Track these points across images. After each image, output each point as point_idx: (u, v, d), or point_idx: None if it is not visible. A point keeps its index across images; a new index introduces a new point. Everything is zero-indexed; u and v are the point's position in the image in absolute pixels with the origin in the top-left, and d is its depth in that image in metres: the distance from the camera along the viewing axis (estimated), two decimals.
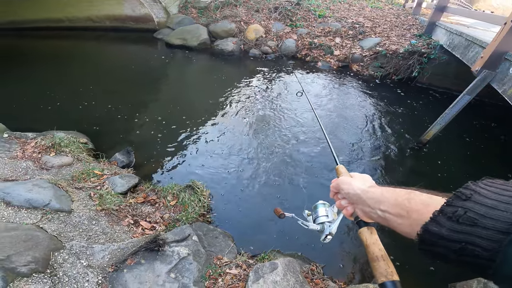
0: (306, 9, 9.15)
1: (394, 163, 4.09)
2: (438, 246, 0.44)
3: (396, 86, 6.60)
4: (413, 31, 7.61)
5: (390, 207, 0.56)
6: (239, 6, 9.16)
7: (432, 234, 0.44)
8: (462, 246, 0.41)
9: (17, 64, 6.72)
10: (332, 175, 3.73)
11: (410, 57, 6.53)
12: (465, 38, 4.66)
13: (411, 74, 6.54)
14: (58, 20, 9.38)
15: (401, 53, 6.66)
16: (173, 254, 2.16)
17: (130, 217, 2.59)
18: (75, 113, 4.59)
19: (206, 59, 7.80)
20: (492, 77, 3.63)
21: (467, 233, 0.40)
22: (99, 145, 3.77)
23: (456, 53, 5.01)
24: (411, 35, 7.36)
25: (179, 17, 8.83)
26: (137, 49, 8.38)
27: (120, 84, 5.91)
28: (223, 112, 4.97)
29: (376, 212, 0.60)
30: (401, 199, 0.54)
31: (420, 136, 4.45)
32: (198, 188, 2.97)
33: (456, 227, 0.42)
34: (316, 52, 7.77)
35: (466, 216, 0.41)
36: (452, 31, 5.35)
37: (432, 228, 0.44)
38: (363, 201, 0.65)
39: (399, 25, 8.26)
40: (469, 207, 0.42)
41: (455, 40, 5.15)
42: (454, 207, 0.43)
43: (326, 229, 0.82)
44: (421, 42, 6.71)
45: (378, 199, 0.60)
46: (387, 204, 0.57)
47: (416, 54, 6.44)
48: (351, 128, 4.80)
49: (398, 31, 7.80)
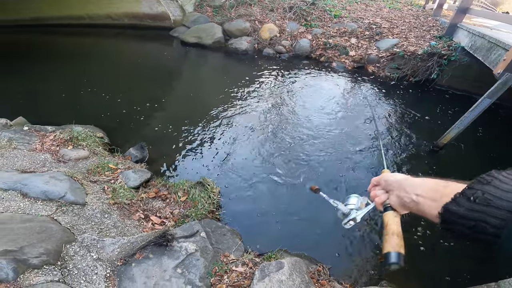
0: (322, 9, 9.05)
1: (409, 166, 3.99)
2: (456, 224, 0.50)
3: (413, 88, 6.43)
4: (433, 32, 7.40)
5: (426, 191, 0.60)
6: (253, 5, 9.16)
7: (451, 213, 0.50)
8: (476, 223, 0.46)
9: (39, 60, 6.99)
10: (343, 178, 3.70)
11: (429, 59, 6.34)
12: (488, 40, 4.49)
13: (429, 76, 6.35)
14: (79, 17, 9.67)
15: (420, 54, 6.47)
16: (181, 249, 2.19)
17: (141, 211, 2.65)
18: (93, 108, 4.73)
19: (220, 57, 7.85)
20: None
21: (481, 212, 0.46)
22: (114, 139, 3.87)
23: (478, 55, 4.84)
24: (430, 37, 7.15)
25: (194, 16, 8.92)
26: (153, 47, 8.54)
27: (137, 81, 6.04)
28: (236, 110, 5.00)
29: (411, 196, 0.64)
30: (439, 186, 0.59)
31: (436, 139, 4.32)
32: (209, 185, 3.00)
33: (473, 207, 0.47)
34: (331, 53, 7.67)
35: (483, 197, 0.46)
36: (475, 33, 5.17)
37: (452, 208, 0.50)
38: (401, 187, 0.69)
39: (418, 26, 8.04)
40: (487, 190, 0.47)
41: (477, 42, 4.97)
42: (474, 190, 0.48)
43: (352, 214, 0.88)
44: (442, 44, 6.51)
45: (417, 184, 0.64)
46: (424, 188, 0.61)
47: (436, 55, 6.25)
48: (366, 130, 4.72)
49: (417, 32, 7.60)
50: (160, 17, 9.33)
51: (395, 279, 2.46)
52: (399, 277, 2.48)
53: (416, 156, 4.20)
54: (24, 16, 9.36)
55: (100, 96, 5.11)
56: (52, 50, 7.85)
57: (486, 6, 11.58)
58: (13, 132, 3.31)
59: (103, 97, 5.09)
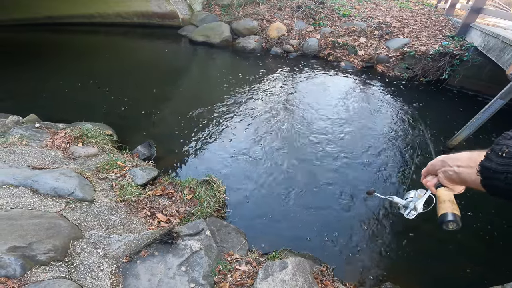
0: (330, 8, 8.97)
1: (418, 167, 3.92)
2: (492, 178, 0.55)
3: (424, 88, 6.33)
4: (445, 32, 7.25)
5: (466, 161, 0.67)
6: (261, 4, 9.14)
7: (486, 168, 0.56)
8: (506, 176, 0.51)
9: (50, 58, 7.13)
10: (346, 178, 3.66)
11: (440, 59, 6.23)
12: (502, 40, 4.38)
13: (440, 76, 6.23)
14: (90, 16, 9.83)
15: (431, 54, 6.36)
16: (186, 247, 2.21)
17: (147, 209, 2.68)
18: (102, 106, 4.81)
19: (228, 56, 7.87)
20: None
21: (509, 165, 0.51)
22: (123, 137, 3.92)
23: (491, 55, 4.73)
24: (442, 36, 7.01)
25: (202, 14, 8.96)
26: (162, 45, 8.61)
27: (145, 79, 6.11)
28: (243, 109, 5.00)
29: (453, 169, 0.71)
30: (474, 154, 0.65)
31: (447, 140, 4.25)
32: (215, 183, 3.01)
33: (502, 161, 0.53)
34: (339, 52, 7.60)
35: (508, 151, 0.52)
36: (488, 33, 5.05)
37: (486, 164, 0.56)
38: (444, 163, 0.75)
39: (429, 26, 7.89)
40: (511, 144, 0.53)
41: (491, 42, 4.86)
42: (500, 145, 0.54)
43: (411, 204, 0.92)
44: (454, 44, 6.38)
45: (457, 157, 0.71)
46: (464, 159, 0.68)
47: (448, 55, 6.13)
48: (375, 130, 4.67)
49: (428, 32, 7.46)
50: (169, 16, 9.40)
51: (399, 281, 2.44)
52: (403, 279, 2.46)
53: (426, 157, 4.13)
54: (37, 15, 9.56)
55: (110, 94, 5.19)
56: (63, 49, 8.00)
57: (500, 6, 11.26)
58: (25, 129, 3.39)
59: (113, 95, 5.17)
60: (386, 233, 2.94)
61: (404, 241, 2.85)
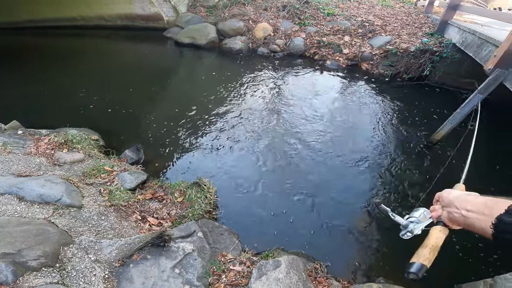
0: (315, 7, 9.07)
1: (404, 162, 4.04)
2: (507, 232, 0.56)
3: (406, 85, 6.50)
4: (425, 29, 7.46)
5: (476, 206, 0.65)
6: (247, 4, 9.17)
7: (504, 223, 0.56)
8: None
9: (32, 62, 6.92)
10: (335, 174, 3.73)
11: (421, 56, 6.41)
12: (478, 36, 4.55)
13: (422, 73, 6.41)
14: (72, 19, 9.60)
15: (412, 51, 6.54)
16: (178, 250, 2.21)
17: (138, 213, 2.65)
18: (87, 111, 4.71)
19: (215, 57, 7.85)
20: (505, 76, 3.55)
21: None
22: (109, 142, 3.86)
23: (469, 51, 4.90)
24: (422, 34, 7.21)
25: (188, 16, 8.90)
26: (147, 48, 8.50)
27: (131, 82, 6.01)
28: (231, 110, 5.01)
29: (461, 212, 0.69)
30: (488, 202, 0.63)
31: (430, 135, 4.38)
32: (205, 185, 3.02)
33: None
34: (325, 51, 7.71)
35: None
36: (465, 30, 5.23)
37: (505, 219, 0.56)
38: (452, 203, 0.73)
39: (410, 23, 8.10)
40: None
41: (468, 39, 5.04)
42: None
43: (410, 226, 0.89)
44: (433, 41, 6.57)
45: (468, 201, 0.69)
46: (475, 204, 0.66)
47: (428, 52, 6.31)
48: (361, 127, 4.77)
49: (409, 29, 7.66)
50: (153, 18, 9.29)
51: (391, 276, 2.49)
52: (395, 274, 2.51)
53: (411, 152, 4.26)
54: (17, 19, 9.27)
55: (94, 98, 5.09)
56: (45, 52, 7.78)
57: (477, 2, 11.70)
58: (8, 136, 3.29)
59: (97, 99, 5.07)
60: (377, 229, 3.00)
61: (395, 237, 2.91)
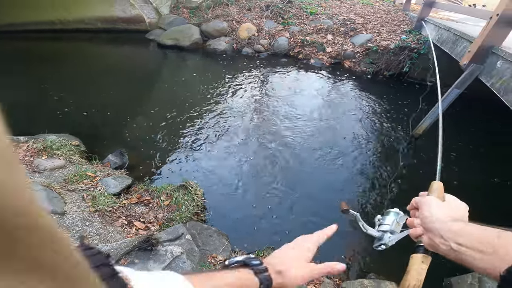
0: (298, 6, 9.17)
1: (387, 158, 4.14)
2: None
3: (387, 81, 6.67)
4: (404, 27, 7.68)
5: (471, 241, 0.53)
6: (230, 5, 9.15)
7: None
8: None
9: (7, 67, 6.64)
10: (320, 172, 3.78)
11: (400, 53, 6.60)
12: (453, 33, 4.72)
13: (402, 70, 6.60)
14: (50, 22, 9.28)
15: (392, 49, 6.72)
16: (166, 253, 2.18)
17: (123, 217, 2.60)
18: (67, 116, 4.56)
19: (199, 58, 7.79)
20: (480, 71, 3.70)
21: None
22: (91, 147, 3.75)
23: (445, 48, 5.07)
24: (401, 31, 7.42)
25: (170, 18, 8.79)
26: (129, 50, 8.34)
27: (112, 85, 5.88)
28: (216, 111, 4.98)
29: (450, 244, 0.57)
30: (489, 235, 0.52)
31: (412, 130, 4.51)
32: (192, 187, 2.99)
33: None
34: (309, 50, 7.80)
35: None
36: (441, 26, 5.41)
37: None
38: (436, 232, 0.60)
39: (389, 21, 8.32)
40: None
41: (444, 35, 5.22)
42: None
43: (384, 238, 0.75)
44: (411, 38, 6.77)
45: (457, 232, 0.57)
46: (468, 238, 0.54)
47: (407, 49, 6.51)
48: (344, 124, 4.85)
49: (388, 27, 7.86)
50: (135, 20, 9.12)
51: (382, 272, 2.53)
52: (386, 270, 2.55)
53: (393, 147, 4.37)
54: None
55: (74, 103, 4.92)
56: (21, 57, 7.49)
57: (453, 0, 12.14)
58: None
59: (78, 104, 4.91)
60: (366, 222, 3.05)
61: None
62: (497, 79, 3.33)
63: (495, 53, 3.41)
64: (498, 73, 3.33)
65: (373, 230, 0.79)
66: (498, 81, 3.29)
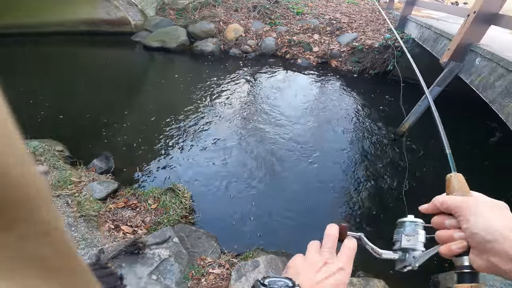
0: (285, 6, 9.23)
1: (373, 155, 4.22)
2: None
3: (373, 80, 6.79)
4: (387, 25, 7.82)
5: None
6: (217, 6, 9.14)
7: None
8: None
9: None
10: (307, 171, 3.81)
11: (385, 51, 6.72)
12: (434, 31, 4.84)
13: (386, 68, 6.72)
14: (29, 25, 9.05)
15: (376, 47, 6.84)
16: (154, 256, 2.17)
17: (110, 222, 2.58)
18: (49, 121, 4.45)
19: (186, 60, 7.75)
20: (459, 68, 3.80)
21: None
22: (76, 152, 3.68)
23: (426, 46, 5.19)
24: (385, 30, 7.56)
25: (156, 19, 8.71)
26: (114, 53, 8.21)
27: (97, 89, 5.78)
28: (202, 113, 4.96)
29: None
30: None
31: (396, 128, 4.60)
32: (179, 190, 2.99)
33: None
34: (296, 49, 7.86)
35: None
36: (422, 25, 5.54)
37: None
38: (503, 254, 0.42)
39: (374, 20, 8.47)
40: None
41: (425, 33, 5.35)
42: None
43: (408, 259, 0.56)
44: (395, 36, 6.89)
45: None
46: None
47: (390, 48, 6.63)
48: (331, 123, 4.92)
49: (373, 26, 8.00)
50: (119, 22, 8.99)
51: (371, 270, 2.55)
52: (375, 268, 2.56)
53: (380, 145, 4.45)
54: None
55: (57, 108, 4.79)
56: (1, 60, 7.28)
57: None
58: None
59: (60, 109, 4.78)
60: (356, 224, 3.11)
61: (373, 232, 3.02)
62: (476, 76, 3.43)
63: (474, 50, 3.51)
64: (476, 70, 3.43)
65: (388, 252, 0.60)
66: (477, 78, 3.39)
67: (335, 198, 3.38)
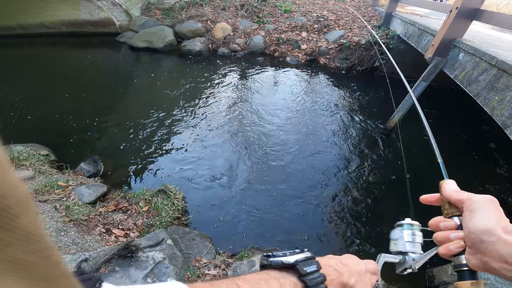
0: (272, 5, 9.22)
1: (362, 151, 4.27)
2: None
3: (361, 76, 6.88)
4: (373, 22, 7.93)
5: None
6: (205, 5, 9.05)
7: None
8: None
9: None
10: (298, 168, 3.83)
11: (371, 48, 6.81)
12: (418, 27, 4.93)
13: (373, 64, 6.82)
14: (9, 28, 8.73)
15: (363, 44, 6.93)
16: (148, 259, 2.14)
17: (101, 226, 2.52)
18: (34, 124, 4.31)
19: (174, 60, 7.64)
20: (443, 64, 3.89)
21: None
22: (62, 156, 3.58)
23: (411, 42, 5.29)
24: (371, 27, 7.66)
25: (142, 19, 8.55)
26: (99, 54, 8.01)
27: (83, 92, 5.62)
28: (193, 113, 4.92)
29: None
30: None
31: (385, 123, 4.68)
32: (171, 191, 2.94)
33: None
34: (284, 47, 7.88)
35: None
36: (407, 21, 5.64)
37: None
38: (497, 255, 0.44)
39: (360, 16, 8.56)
40: None
41: (410, 30, 5.45)
42: None
43: (408, 262, 0.58)
44: (381, 33, 7.00)
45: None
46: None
47: (377, 44, 6.73)
48: (320, 120, 4.95)
49: (359, 22, 8.10)
50: (103, 23, 8.78)
51: None
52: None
53: (368, 140, 4.52)
54: None
55: (42, 111, 4.64)
56: None
57: None
58: None
59: (45, 112, 4.63)
60: (350, 222, 3.13)
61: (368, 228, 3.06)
62: (460, 71, 3.51)
63: (457, 46, 3.59)
64: (460, 65, 3.51)
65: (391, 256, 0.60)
66: (461, 73, 3.47)
67: (329, 196, 3.41)
